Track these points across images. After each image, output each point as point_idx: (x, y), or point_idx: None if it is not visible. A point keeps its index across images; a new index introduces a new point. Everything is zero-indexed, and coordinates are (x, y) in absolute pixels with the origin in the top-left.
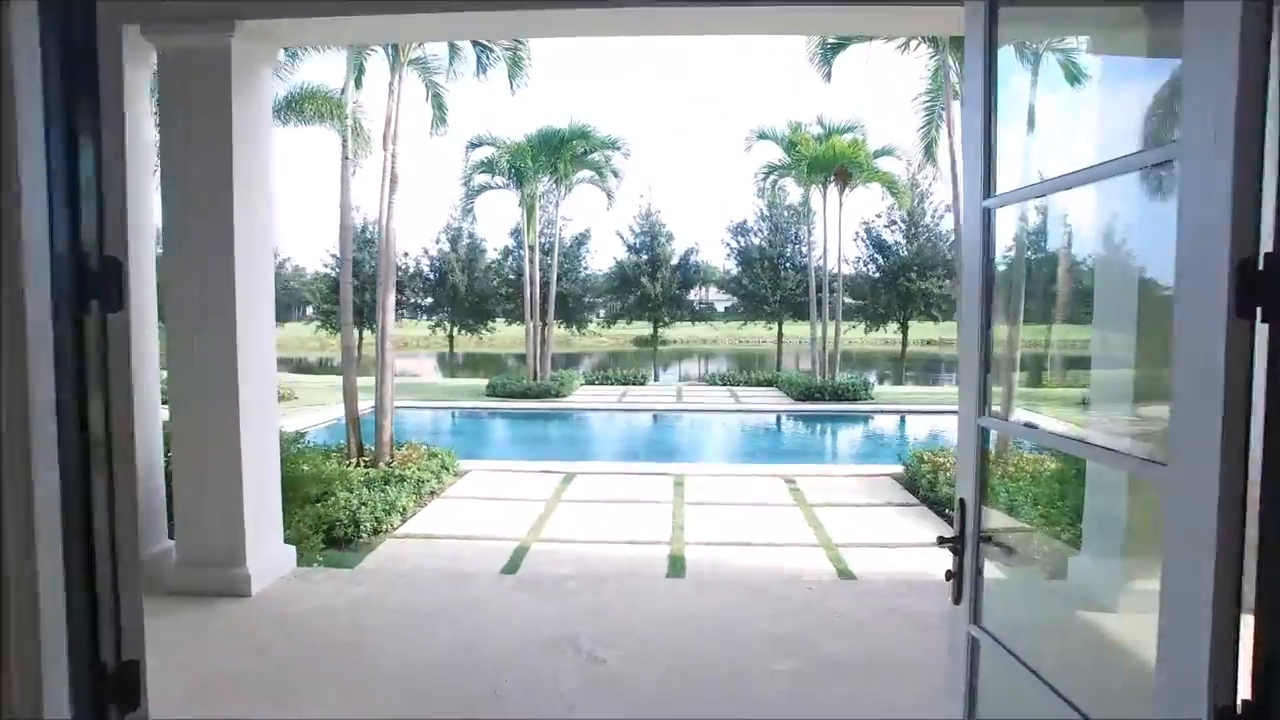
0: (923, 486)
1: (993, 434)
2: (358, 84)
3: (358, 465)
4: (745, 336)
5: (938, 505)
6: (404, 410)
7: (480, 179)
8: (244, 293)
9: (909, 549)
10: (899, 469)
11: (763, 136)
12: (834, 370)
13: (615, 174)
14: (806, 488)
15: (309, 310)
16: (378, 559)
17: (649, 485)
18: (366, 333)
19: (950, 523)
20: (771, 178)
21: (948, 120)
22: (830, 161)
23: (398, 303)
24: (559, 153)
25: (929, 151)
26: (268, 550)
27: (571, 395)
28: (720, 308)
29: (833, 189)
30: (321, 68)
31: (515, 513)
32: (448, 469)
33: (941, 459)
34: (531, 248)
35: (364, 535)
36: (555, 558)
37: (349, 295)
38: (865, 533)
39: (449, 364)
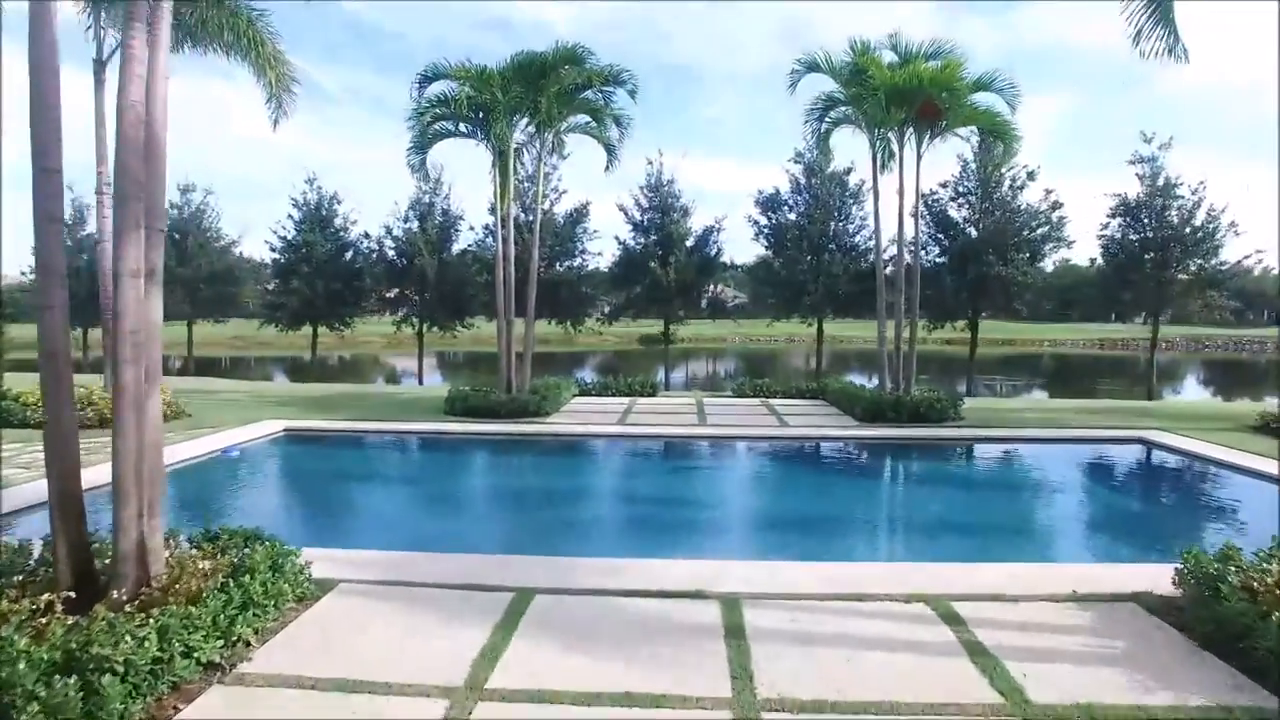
0: None
1: None
2: None
3: (48, 615)
4: (758, 335)
5: None
6: (317, 436)
7: (440, 124)
8: None
9: None
10: (1143, 573)
11: (813, 68)
12: (909, 381)
13: (618, 121)
14: (990, 633)
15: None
16: None
17: (675, 629)
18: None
19: None
20: (827, 120)
21: None
22: (912, 92)
23: (359, 294)
24: (540, 85)
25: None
26: None
27: (558, 412)
28: (729, 305)
29: (909, 142)
30: None
31: None
32: (266, 604)
33: None
34: (504, 220)
35: None
36: None
37: (62, 255)
38: None
39: (439, 364)
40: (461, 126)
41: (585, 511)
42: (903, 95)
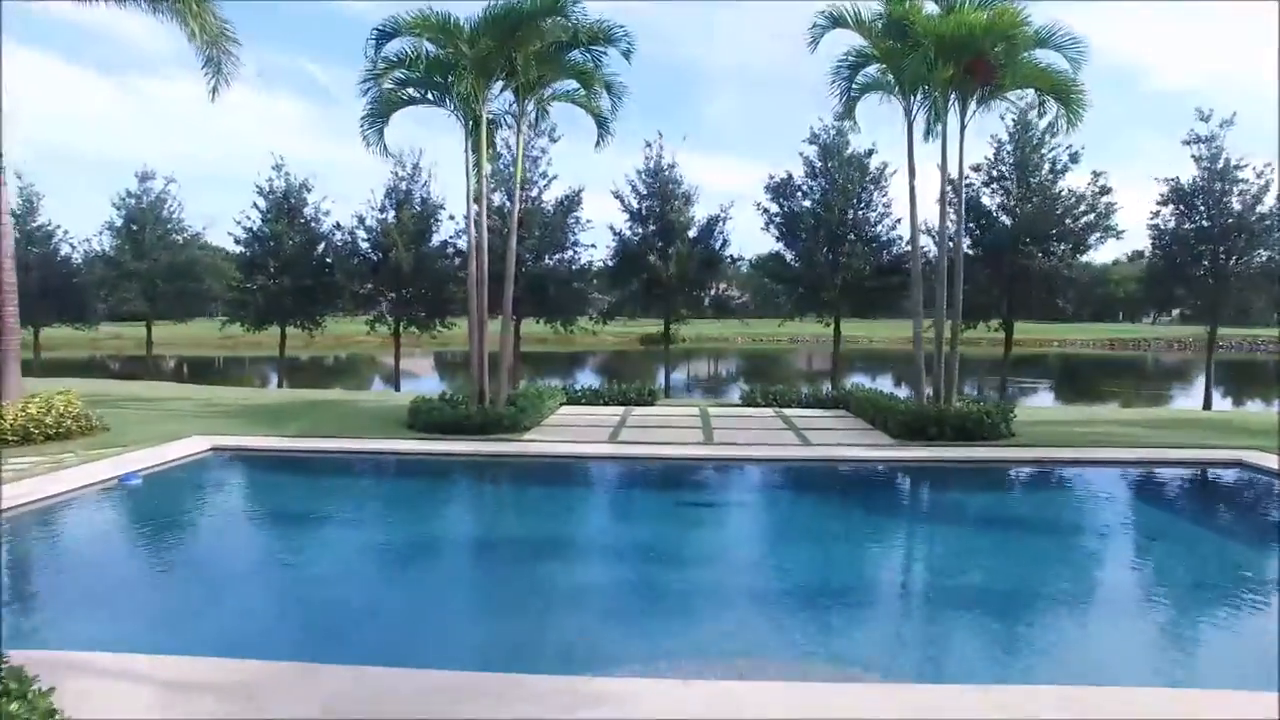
0: None
1: None
2: None
3: None
4: (763, 335)
5: None
6: (247, 456)
7: (405, 91)
8: None
9: None
10: None
11: (838, 22)
12: (950, 390)
13: (610, 88)
14: None
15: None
16: None
17: None
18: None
19: None
20: (855, 84)
21: None
22: (962, 45)
23: (330, 290)
24: (517, 40)
25: None
26: None
27: (540, 426)
28: (735, 302)
29: (952, 109)
30: None
31: None
32: None
33: None
34: (479, 202)
35: None
36: None
37: None
38: None
39: (435, 365)
40: (430, 94)
41: (549, 578)
42: (950, 48)
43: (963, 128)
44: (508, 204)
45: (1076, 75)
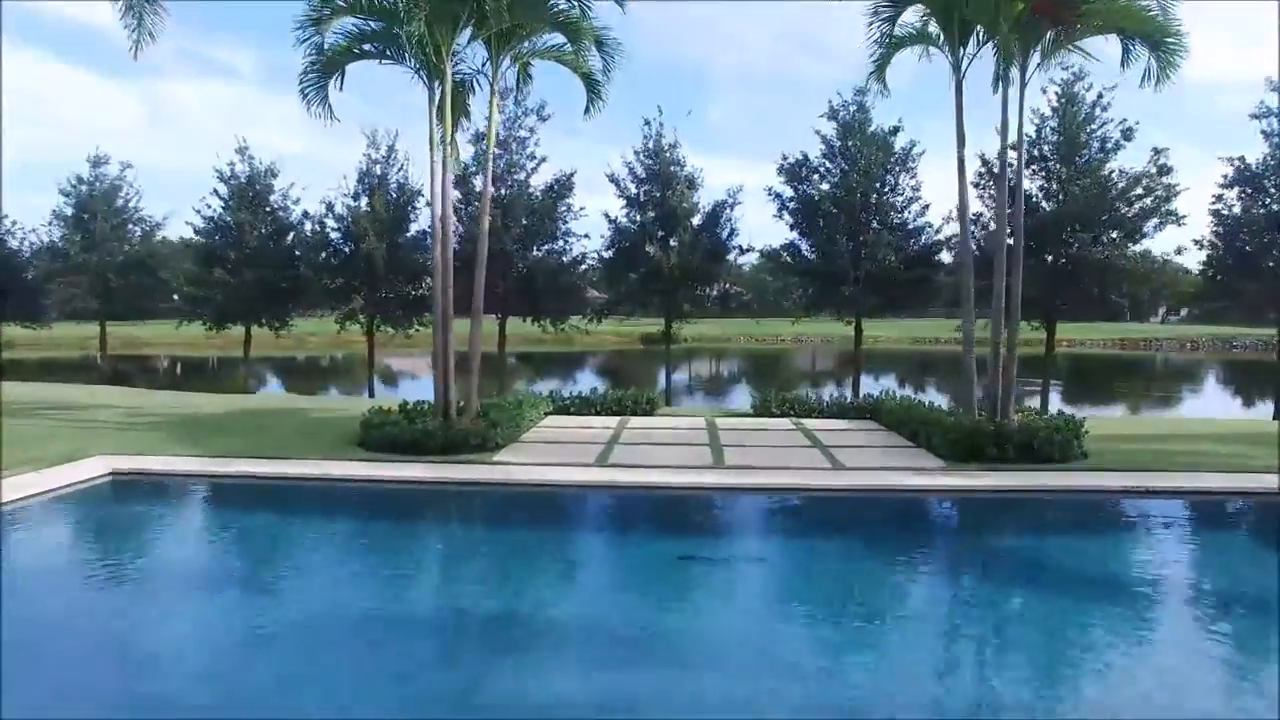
0: None
1: None
2: None
3: None
4: (764, 335)
5: None
6: (149, 484)
7: (353, 45)
8: None
9: None
10: None
11: None
12: (1007, 401)
13: (601, 44)
14: None
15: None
16: None
17: None
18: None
19: None
20: (892, 36)
21: None
22: None
23: (298, 285)
24: None
25: None
26: None
27: (516, 442)
28: (743, 298)
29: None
30: None
31: None
32: None
33: None
34: (444, 170)
35: None
36: None
37: None
38: None
39: (433, 364)
40: (388, 50)
41: (481, 693)
42: None
43: (1023, 85)
44: (491, 189)
45: (1168, 18)
